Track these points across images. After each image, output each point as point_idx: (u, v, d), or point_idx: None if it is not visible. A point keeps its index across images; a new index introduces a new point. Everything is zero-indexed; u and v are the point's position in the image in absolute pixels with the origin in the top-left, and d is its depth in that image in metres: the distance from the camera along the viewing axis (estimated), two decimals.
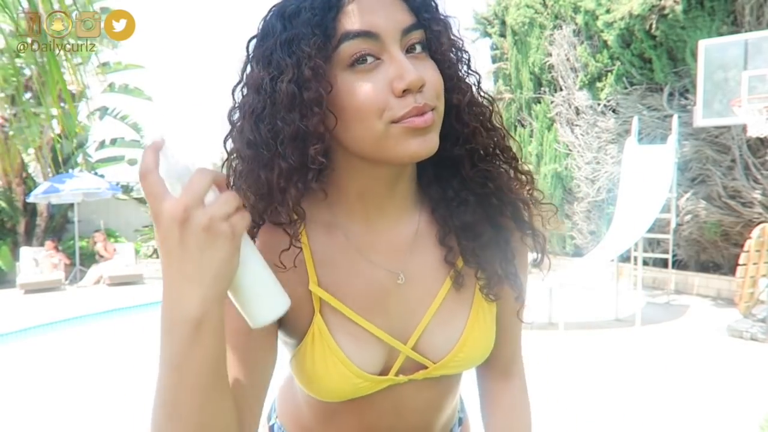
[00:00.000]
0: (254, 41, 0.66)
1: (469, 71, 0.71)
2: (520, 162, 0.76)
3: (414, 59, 0.63)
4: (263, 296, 0.56)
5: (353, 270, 0.73)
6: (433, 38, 0.66)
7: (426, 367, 0.75)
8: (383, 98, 0.61)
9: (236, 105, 0.67)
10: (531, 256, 0.80)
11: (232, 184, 0.66)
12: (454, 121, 0.69)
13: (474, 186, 0.73)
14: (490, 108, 0.73)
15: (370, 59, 0.61)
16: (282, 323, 0.73)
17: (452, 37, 0.68)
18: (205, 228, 0.50)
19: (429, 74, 0.63)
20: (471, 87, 0.70)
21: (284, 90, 0.61)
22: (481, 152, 0.72)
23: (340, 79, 0.61)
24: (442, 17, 0.67)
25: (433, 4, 0.67)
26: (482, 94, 0.73)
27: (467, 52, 0.71)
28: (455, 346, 0.74)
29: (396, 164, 0.66)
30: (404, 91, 0.60)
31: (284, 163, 0.62)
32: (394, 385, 0.76)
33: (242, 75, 0.67)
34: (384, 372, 0.74)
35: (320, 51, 0.60)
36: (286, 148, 0.62)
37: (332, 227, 0.73)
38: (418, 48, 0.64)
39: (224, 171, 0.68)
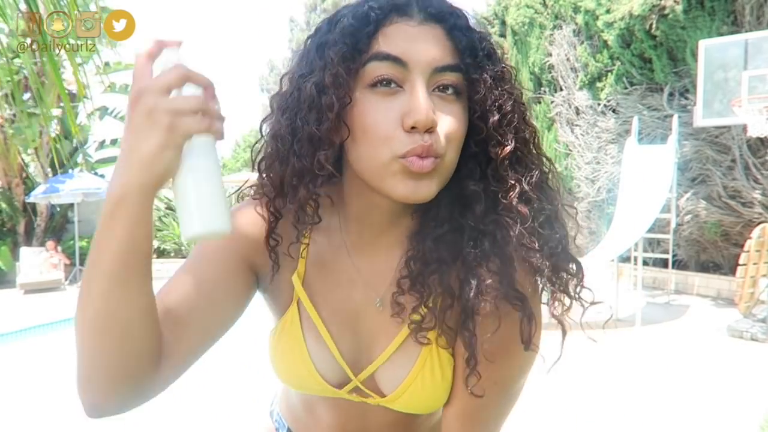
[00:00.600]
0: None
1: (524, 125, 0.65)
2: (569, 244, 0.67)
3: (440, 99, 0.61)
4: (199, 209, 0.54)
5: (339, 281, 0.74)
6: (469, 84, 0.62)
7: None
8: (392, 127, 0.59)
9: (278, 92, 0.68)
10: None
11: (257, 167, 0.69)
12: (491, 176, 0.65)
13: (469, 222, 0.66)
14: (544, 169, 0.67)
15: (392, 84, 0.60)
16: (265, 289, 0.76)
17: (500, 87, 0.63)
18: (147, 113, 0.50)
19: (446, 119, 0.61)
20: (518, 141, 0.64)
21: (307, 90, 0.61)
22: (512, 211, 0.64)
23: (361, 95, 0.61)
24: (490, 66, 0.63)
25: (483, 49, 0.62)
26: (538, 151, 0.67)
27: (522, 104, 0.66)
28: (398, 387, 0.72)
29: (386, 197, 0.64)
30: (412, 127, 0.59)
31: (298, 162, 0.63)
32: (356, 400, 0.77)
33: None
34: (341, 385, 0.75)
35: (345, 61, 0.59)
36: (302, 147, 0.63)
37: (333, 233, 0.74)
38: (450, 90, 0.62)
39: (255, 153, 0.70)
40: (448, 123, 0.61)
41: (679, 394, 3.86)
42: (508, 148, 0.63)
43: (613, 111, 8.45)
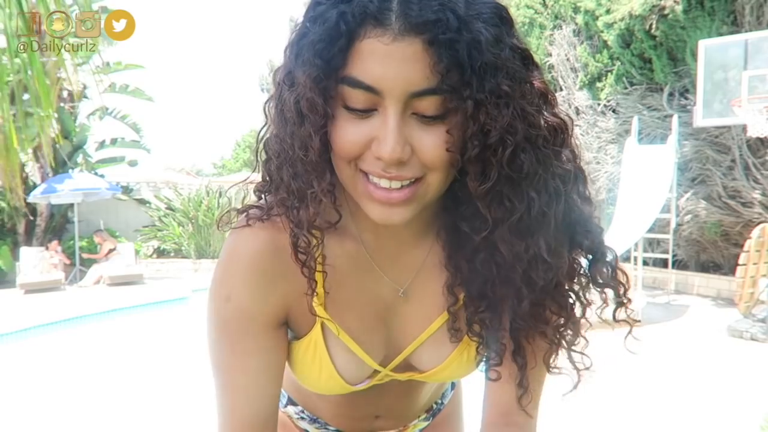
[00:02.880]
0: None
1: (524, 151, 0.57)
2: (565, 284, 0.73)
3: (419, 123, 0.56)
4: None
5: (362, 284, 0.72)
6: (456, 107, 0.54)
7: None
8: (358, 150, 0.57)
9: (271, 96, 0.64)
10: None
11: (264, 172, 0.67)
12: (472, 208, 0.62)
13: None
14: (543, 205, 0.60)
15: (365, 108, 0.56)
16: (289, 322, 0.74)
17: (487, 111, 0.54)
18: None
19: (425, 146, 0.56)
20: (507, 174, 0.57)
21: (289, 108, 0.59)
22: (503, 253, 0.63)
23: (338, 112, 0.57)
24: (479, 84, 0.53)
25: (472, 64, 0.53)
26: (544, 182, 0.59)
27: (530, 127, 0.58)
28: (439, 365, 0.75)
29: None
30: (378, 158, 0.56)
31: (294, 182, 0.61)
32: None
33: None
34: (371, 378, 0.78)
35: (318, 83, 0.55)
36: (296, 164, 0.60)
37: (346, 234, 0.70)
38: (430, 114, 0.55)
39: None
40: (426, 151, 0.56)
41: (680, 393, 3.86)
42: (486, 186, 0.57)
43: (613, 111, 8.45)
